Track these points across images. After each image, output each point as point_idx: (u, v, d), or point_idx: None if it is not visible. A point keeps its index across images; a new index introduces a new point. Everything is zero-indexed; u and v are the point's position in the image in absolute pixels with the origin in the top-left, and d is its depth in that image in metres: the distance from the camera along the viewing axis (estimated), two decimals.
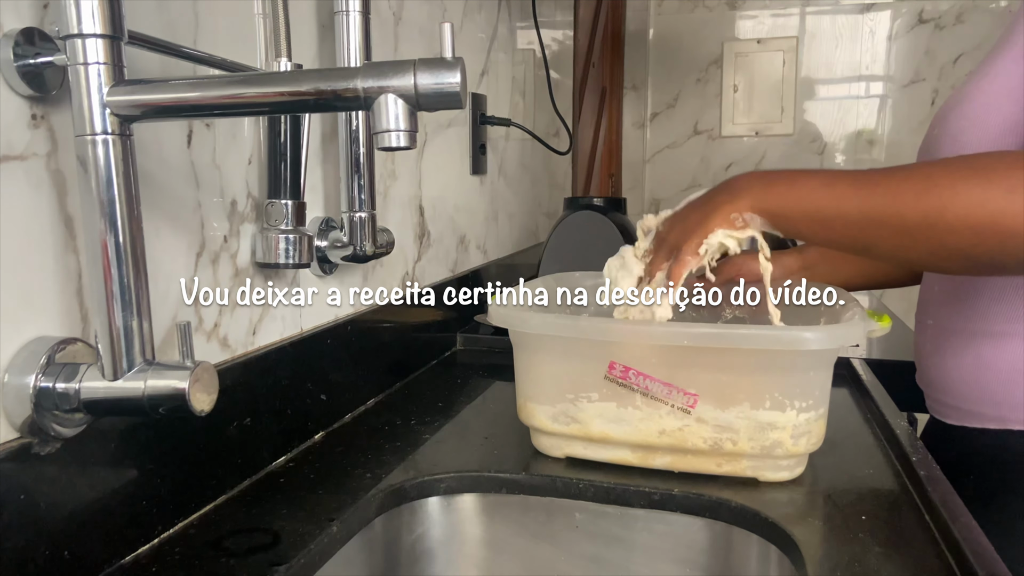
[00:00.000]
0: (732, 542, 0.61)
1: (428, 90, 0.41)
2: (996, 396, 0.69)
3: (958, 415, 0.73)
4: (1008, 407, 0.68)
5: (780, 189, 0.62)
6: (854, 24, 2.33)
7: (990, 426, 0.70)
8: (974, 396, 0.71)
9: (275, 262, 0.64)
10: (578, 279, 0.87)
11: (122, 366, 0.44)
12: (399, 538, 0.65)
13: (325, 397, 0.76)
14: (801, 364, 0.61)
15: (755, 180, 0.64)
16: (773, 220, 0.62)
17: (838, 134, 2.39)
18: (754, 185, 0.63)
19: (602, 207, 1.32)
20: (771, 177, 0.64)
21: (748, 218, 0.62)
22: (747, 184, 0.63)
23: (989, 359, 0.69)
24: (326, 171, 0.77)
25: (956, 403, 0.73)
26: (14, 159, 0.43)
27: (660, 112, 2.55)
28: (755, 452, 0.62)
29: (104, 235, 0.43)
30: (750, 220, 0.62)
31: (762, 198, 0.62)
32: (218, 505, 0.60)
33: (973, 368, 0.70)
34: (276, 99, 0.44)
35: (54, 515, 0.46)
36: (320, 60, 0.75)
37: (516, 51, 1.44)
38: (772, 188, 0.62)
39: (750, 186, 0.63)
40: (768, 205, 0.62)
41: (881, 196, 0.58)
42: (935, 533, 0.55)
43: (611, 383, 0.64)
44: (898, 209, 0.56)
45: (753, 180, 0.64)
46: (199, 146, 0.59)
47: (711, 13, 2.44)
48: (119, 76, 0.42)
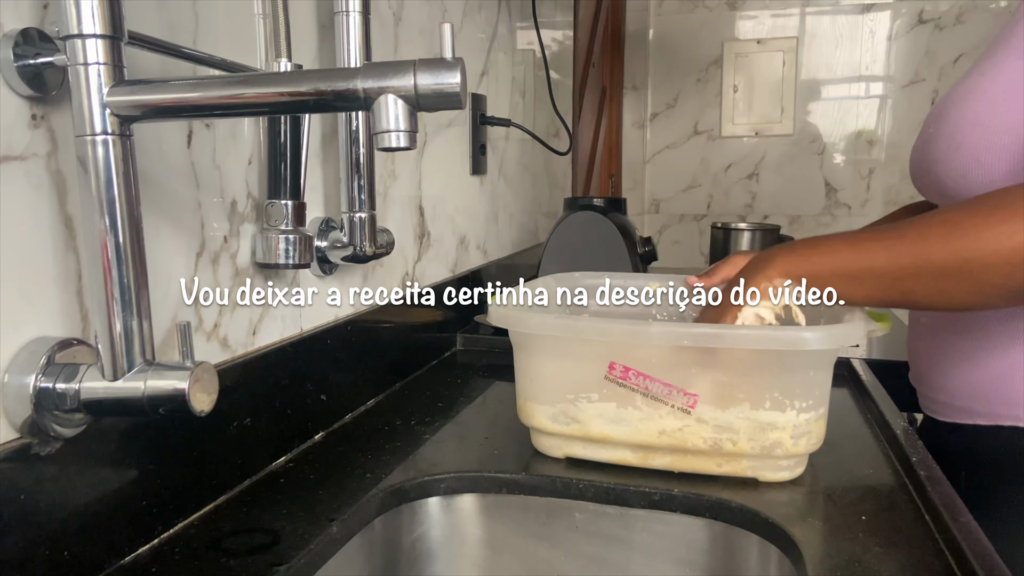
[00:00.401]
0: (732, 542, 0.61)
1: (428, 90, 0.41)
2: (988, 393, 0.69)
3: (949, 412, 0.74)
4: (1001, 403, 0.68)
5: (805, 253, 0.65)
6: (854, 24, 2.33)
7: (982, 422, 0.70)
8: (966, 393, 0.71)
9: (275, 262, 0.64)
10: (578, 279, 0.87)
11: (122, 366, 0.44)
12: (399, 538, 0.65)
13: (325, 397, 0.76)
14: (801, 364, 0.61)
15: (779, 251, 0.67)
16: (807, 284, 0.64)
17: (838, 134, 2.39)
18: (778, 255, 0.66)
19: (602, 207, 1.32)
20: (796, 245, 0.67)
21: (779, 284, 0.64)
22: (771, 256, 0.66)
23: (982, 357, 0.69)
24: (326, 171, 0.77)
25: (947, 400, 0.74)
26: (14, 159, 0.43)
27: (660, 112, 2.55)
28: (755, 452, 0.62)
29: (104, 235, 0.43)
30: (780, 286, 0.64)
31: (790, 265, 0.65)
32: (218, 505, 0.60)
33: (966, 366, 0.71)
34: (276, 99, 0.44)
35: (54, 515, 0.46)
36: (320, 60, 0.75)
37: (516, 51, 1.44)
38: (797, 255, 0.65)
39: (775, 255, 0.66)
40: (798, 271, 0.64)
41: (908, 245, 0.60)
42: (935, 533, 0.55)
43: (611, 383, 0.64)
44: (928, 255, 0.58)
45: (777, 251, 0.67)
46: (199, 146, 0.59)
47: (711, 13, 2.45)
48: (119, 76, 0.42)
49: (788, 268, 0.65)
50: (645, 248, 1.36)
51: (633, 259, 1.29)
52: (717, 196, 2.52)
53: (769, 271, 0.65)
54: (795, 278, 0.64)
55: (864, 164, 2.38)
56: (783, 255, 0.66)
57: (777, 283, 0.64)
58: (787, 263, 0.65)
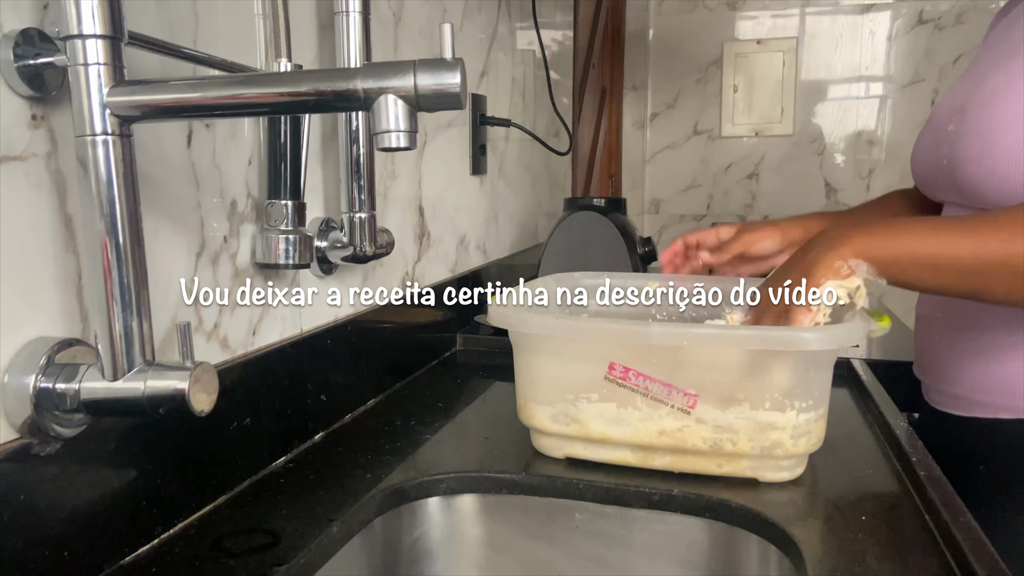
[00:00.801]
0: (732, 542, 0.61)
1: (428, 91, 0.41)
2: (1013, 387, 0.70)
3: (966, 406, 0.74)
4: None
5: (884, 235, 0.61)
6: (854, 25, 2.33)
7: (1004, 416, 0.71)
8: (987, 387, 0.71)
9: (275, 262, 0.64)
10: (578, 279, 0.87)
11: (122, 366, 0.44)
12: (399, 538, 0.65)
13: (325, 397, 0.76)
14: (801, 364, 0.61)
15: (852, 229, 0.63)
16: (880, 267, 0.61)
17: (838, 134, 2.39)
18: (853, 232, 0.62)
19: (602, 207, 1.32)
20: (868, 226, 0.63)
21: (854, 264, 0.61)
22: (845, 232, 0.62)
23: (1007, 351, 0.70)
24: (326, 172, 0.77)
25: (966, 394, 0.74)
26: (14, 159, 0.43)
27: (660, 112, 2.55)
28: (755, 453, 0.62)
29: (104, 235, 0.43)
30: (856, 267, 0.61)
31: (866, 244, 0.61)
32: (218, 505, 0.60)
33: (990, 360, 0.71)
34: (276, 100, 0.44)
35: (54, 515, 0.46)
36: (320, 60, 0.75)
37: (516, 51, 1.44)
38: (873, 235, 0.61)
39: (848, 234, 0.62)
40: (874, 252, 0.61)
41: (996, 239, 0.58)
42: (935, 533, 0.55)
43: (611, 383, 0.64)
44: (1018, 250, 0.57)
45: (851, 228, 0.63)
46: (199, 146, 0.59)
47: (711, 13, 2.44)
48: (119, 77, 0.42)
49: (863, 248, 0.61)
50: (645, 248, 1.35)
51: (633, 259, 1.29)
52: (717, 196, 2.52)
53: (844, 250, 0.61)
54: (870, 259, 0.60)
55: (864, 164, 2.38)
56: (858, 234, 0.62)
57: (852, 264, 0.61)
58: (862, 243, 0.61)
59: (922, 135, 0.82)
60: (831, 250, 0.62)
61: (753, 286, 0.73)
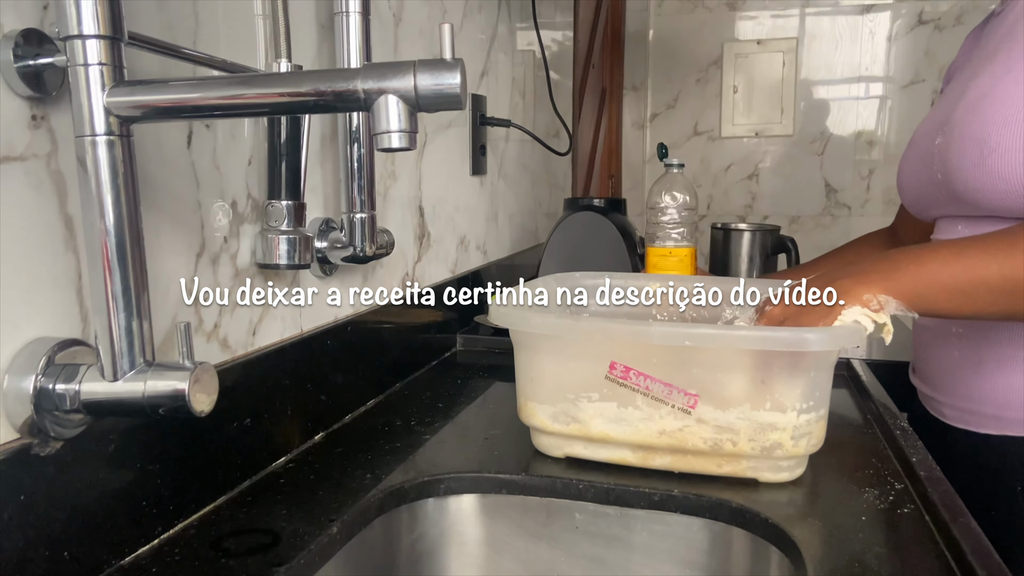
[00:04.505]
0: (732, 542, 0.61)
1: (428, 91, 0.41)
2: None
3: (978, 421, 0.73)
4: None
5: (909, 269, 0.60)
6: (854, 25, 2.33)
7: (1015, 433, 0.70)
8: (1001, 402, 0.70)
9: (275, 263, 0.64)
10: (578, 279, 0.87)
11: (122, 367, 0.44)
12: (399, 538, 0.65)
13: (325, 397, 0.76)
14: (802, 365, 0.61)
15: (877, 263, 0.61)
16: (909, 300, 0.59)
17: (838, 135, 2.39)
18: (879, 267, 0.61)
19: (602, 208, 1.32)
20: (892, 259, 0.62)
21: (883, 300, 0.59)
22: (871, 267, 0.61)
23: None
24: (326, 172, 0.77)
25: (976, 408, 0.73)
26: (14, 159, 0.43)
27: (660, 113, 2.55)
28: (755, 453, 0.62)
29: (104, 235, 0.43)
30: (885, 303, 0.59)
31: (894, 279, 0.60)
32: (218, 505, 0.60)
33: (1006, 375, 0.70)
34: (276, 100, 0.44)
35: (54, 515, 0.46)
36: (320, 61, 0.75)
37: (516, 52, 1.44)
38: (900, 268, 0.60)
39: (875, 268, 0.61)
40: (902, 286, 0.59)
41: (1022, 257, 0.57)
42: (935, 533, 0.55)
43: (611, 383, 0.64)
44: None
45: (876, 264, 0.61)
46: (199, 147, 0.59)
47: (711, 14, 2.44)
48: (119, 77, 0.42)
49: (891, 284, 0.59)
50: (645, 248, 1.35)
51: (633, 259, 1.29)
52: (717, 196, 2.52)
53: (872, 285, 0.59)
54: (899, 295, 0.59)
55: (864, 164, 2.38)
56: (884, 268, 0.60)
57: (882, 299, 0.59)
58: (891, 279, 0.60)
59: (906, 156, 0.81)
60: (860, 283, 0.60)
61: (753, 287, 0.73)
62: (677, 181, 1.16)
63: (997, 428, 0.72)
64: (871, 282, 0.60)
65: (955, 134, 0.69)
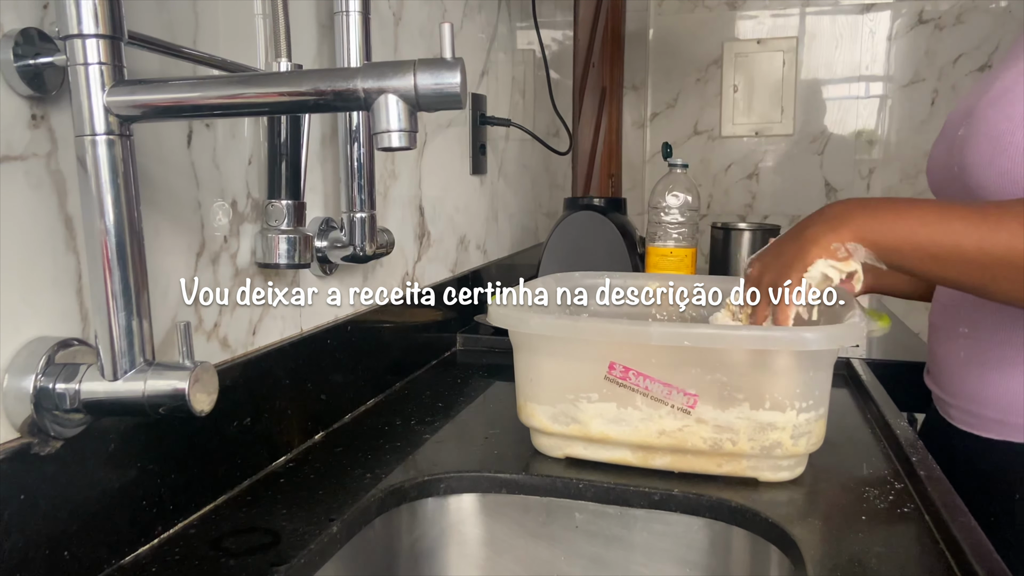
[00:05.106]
0: (732, 542, 0.61)
1: (428, 90, 0.41)
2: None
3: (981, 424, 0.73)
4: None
5: (887, 219, 0.58)
6: (854, 24, 2.33)
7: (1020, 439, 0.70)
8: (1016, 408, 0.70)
9: (275, 262, 0.64)
10: (578, 279, 0.87)
11: (122, 366, 0.44)
12: (399, 538, 0.65)
13: (325, 397, 0.76)
14: (801, 364, 0.61)
15: (856, 208, 0.59)
16: (880, 252, 0.58)
17: (838, 134, 2.39)
18: (856, 213, 0.59)
19: (602, 207, 1.32)
20: (874, 205, 0.59)
21: (852, 248, 0.58)
22: (847, 211, 0.59)
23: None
24: (326, 171, 0.77)
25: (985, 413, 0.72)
26: (14, 159, 0.43)
27: (660, 112, 2.55)
28: (755, 452, 0.62)
29: (104, 235, 0.43)
30: (854, 251, 0.58)
31: (868, 228, 0.58)
32: (218, 505, 0.60)
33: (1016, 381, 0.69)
34: (276, 99, 0.44)
35: (54, 515, 0.46)
36: (320, 60, 0.75)
37: (516, 51, 1.44)
38: (878, 217, 0.58)
39: (851, 214, 0.59)
40: (876, 236, 0.57)
41: (1006, 233, 0.54)
42: (935, 533, 0.55)
43: (611, 383, 0.64)
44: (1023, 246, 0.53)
45: (854, 208, 0.59)
46: (199, 146, 0.59)
47: (711, 13, 2.44)
48: (119, 76, 0.42)
49: (865, 231, 0.57)
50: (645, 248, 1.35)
51: (633, 259, 1.29)
52: (717, 196, 2.52)
53: (843, 231, 0.58)
54: (871, 244, 0.57)
55: (864, 164, 2.38)
56: (861, 215, 0.58)
57: (850, 247, 0.58)
58: (864, 226, 0.57)
59: (936, 144, 0.80)
60: (830, 231, 0.59)
61: None
62: (680, 181, 1.16)
63: (999, 433, 0.72)
64: (843, 228, 0.58)
65: (973, 128, 0.67)
